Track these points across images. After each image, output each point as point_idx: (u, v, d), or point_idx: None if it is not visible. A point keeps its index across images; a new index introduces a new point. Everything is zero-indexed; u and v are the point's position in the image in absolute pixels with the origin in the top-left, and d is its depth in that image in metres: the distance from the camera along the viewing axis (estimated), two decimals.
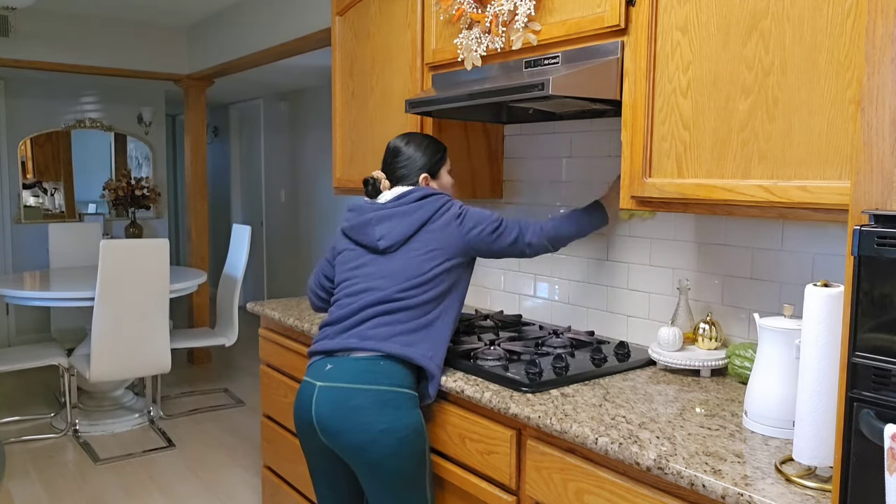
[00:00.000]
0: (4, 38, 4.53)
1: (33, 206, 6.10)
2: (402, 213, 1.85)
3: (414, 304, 1.77)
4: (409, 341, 1.74)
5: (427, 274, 1.79)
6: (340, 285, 1.91)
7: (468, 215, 1.86)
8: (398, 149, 1.99)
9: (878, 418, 0.93)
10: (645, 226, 2.11)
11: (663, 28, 1.58)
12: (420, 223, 1.83)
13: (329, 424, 1.70)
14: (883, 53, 0.94)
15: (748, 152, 1.44)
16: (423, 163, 1.96)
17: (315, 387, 1.74)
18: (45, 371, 5.11)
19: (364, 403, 1.68)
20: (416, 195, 1.87)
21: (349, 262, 1.91)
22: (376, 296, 1.79)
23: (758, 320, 1.44)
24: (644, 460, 1.29)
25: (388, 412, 1.68)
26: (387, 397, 1.69)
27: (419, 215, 1.84)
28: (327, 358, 1.79)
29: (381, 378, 1.70)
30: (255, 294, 7.42)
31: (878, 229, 0.92)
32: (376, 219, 1.86)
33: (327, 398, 1.71)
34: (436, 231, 1.83)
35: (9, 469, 3.49)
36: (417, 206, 1.85)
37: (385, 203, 1.89)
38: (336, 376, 1.73)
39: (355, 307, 1.81)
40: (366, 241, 1.87)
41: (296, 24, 3.85)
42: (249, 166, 7.56)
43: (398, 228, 1.83)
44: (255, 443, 3.90)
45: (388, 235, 1.84)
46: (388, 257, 1.84)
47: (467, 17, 2.03)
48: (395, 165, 1.98)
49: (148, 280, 3.73)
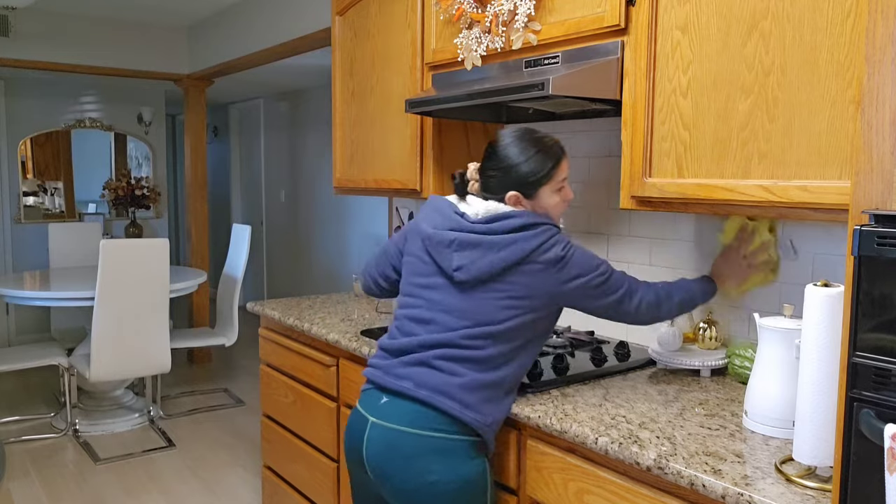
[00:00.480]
0: (4, 38, 4.52)
1: (33, 206, 6.09)
2: (489, 245, 1.51)
3: (481, 357, 1.51)
4: (468, 402, 1.50)
5: (501, 325, 1.51)
6: (404, 300, 1.67)
7: (572, 260, 1.51)
8: (495, 147, 1.61)
9: (878, 418, 0.93)
10: (645, 226, 2.11)
11: (663, 28, 1.59)
12: (510, 264, 1.50)
13: (379, 466, 1.54)
14: (883, 54, 0.94)
15: (748, 152, 1.44)
16: (518, 177, 1.57)
17: (367, 422, 1.56)
18: (45, 371, 5.11)
19: (418, 450, 1.50)
20: (514, 223, 1.52)
21: (417, 276, 1.64)
22: (440, 336, 1.54)
23: (758, 320, 1.44)
24: (644, 460, 1.29)
25: (444, 461, 1.49)
26: (443, 445, 1.50)
27: (511, 253, 1.50)
28: (382, 391, 1.59)
29: (438, 423, 1.50)
30: (255, 294, 7.42)
31: (878, 229, 0.92)
32: (459, 243, 1.54)
33: (380, 438, 1.53)
34: (527, 275, 1.50)
35: (9, 469, 3.48)
36: (512, 240, 1.51)
37: (474, 222, 1.56)
38: (390, 414, 1.54)
39: (415, 343, 1.57)
40: (441, 262, 1.58)
41: (296, 24, 3.85)
42: (249, 166, 7.56)
43: (481, 263, 1.51)
44: (255, 443, 3.90)
45: (467, 268, 1.53)
46: (462, 290, 1.55)
47: (467, 16, 2.03)
48: (486, 168, 1.62)
49: (148, 280, 3.73)
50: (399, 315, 1.65)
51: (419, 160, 2.38)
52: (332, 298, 2.87)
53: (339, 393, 2.25)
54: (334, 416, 2.27)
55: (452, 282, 1.56)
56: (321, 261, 6.24)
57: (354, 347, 2.10)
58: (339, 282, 5.91)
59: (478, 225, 1.55)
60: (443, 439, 1.50)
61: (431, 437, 1.50)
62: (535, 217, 1.54)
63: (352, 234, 5.75)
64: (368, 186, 2.64)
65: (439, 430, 1.50)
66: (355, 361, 2.17)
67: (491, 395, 1.52)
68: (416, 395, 1.51)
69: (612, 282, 1.55)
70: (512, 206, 1.57)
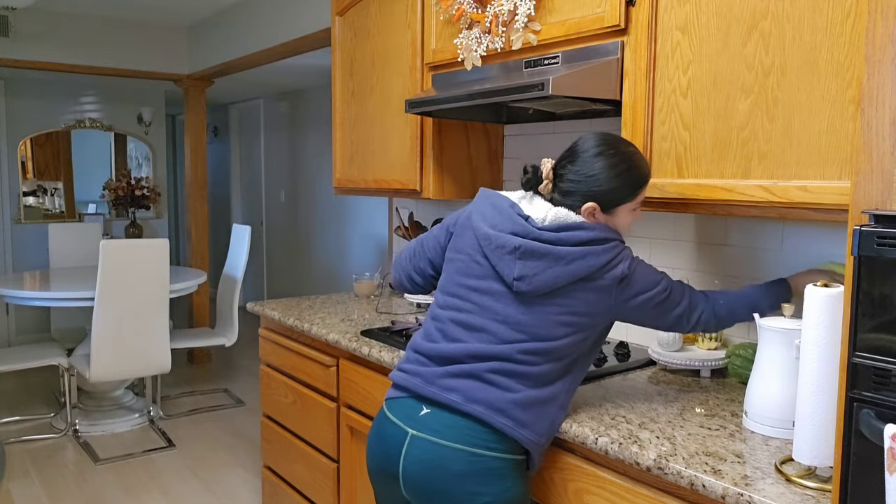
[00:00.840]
0: (4, 38, 4.52)
1: (33, 206, 6.09)
2: (557, 257, 1.41)
3: (536, 373, 1.42)
4: (522, 420, 1.40)
5: (559, 342, 1.42)
6: (449, 301, 1.53)
7: (634, 278, 1.44)
8: (579, 152, 1.48)
9: (878, 418, 0.93)
10: (645, 226, 2.11)
11: (663, 28, 1.59)
12: (577, 279, 1.41)
13: (420, 484, 1.41)
14: (883, 54, 0.94)
15: (748, 152, 1.44)
16: (601, 191, 1.45)
17: (406, 435, 1.43)
18: (45, 371, 5.11)
19: (469, 470, 1.38)
20: (585, 235, 1.42)
21: (468, 277, 1.51)
22: (494, 348, 1.43)
23: (758, 320, 1.44)
24: (644, 460, 1.29)
25: (498, 482, 1.39)
26: (494, 465, 1.40)
27: (579, 267, 1.40)
28: (420, 400, 1.47)
29: (490, 441, 1.40)
30: (255, 294, 7.42)
31: (878, 229, 0.92)
32: (523, 251, 1.42)
33: (422, 454, 1.41)
34: (591, 292, 1.42)
35: (9, 469, 3.48)
36: (581, 254, 1.41)
37: (541, 229, 1.44)
38: (434, 427, 1.41)
39: (463, 351, 1.45)
40: (500, 268, 1.45)
41: (296, 24, 3.85)
42: (249, 166, 7.56)
43: (546, 276, 1.41)
44: (255, 443, 3.90)
45: (529, 279, 1.42)
46: (520, 301, 1.44)
47: (467, 17, 2.03)
48: (566, 172, 1.48)
49: (148, 280, 3.73)
50: (442, 317, 1.51)
51: (419, 160, 2.38)
52: (332, 298, 2.87)
53: (339, 393, 2.25)
54: (334, 416, 2.27)
55: (511, 291, 1.44)
56: (321, 261, 6.24)
57: (354, 347, 2.10)
58: (339, 282, 5.91)
59: (545, 233, 1.43)
60: (496, 458, 1.39)
61: (484, 456, 1.39)
62: (607, 231, 1.44)
63: (352, 234, 5.75)
64: (368, 186, 2.64)
65: (492, 448, 1.39)
66: (355, 361, 2.17)
67: (544, 412, 1.43)
68: (466, 410, 1.40)
69: (672, 297, 1.48)
70: (585, 217, 1.46)
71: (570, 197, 1.47)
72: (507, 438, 1.40)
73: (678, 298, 1.49)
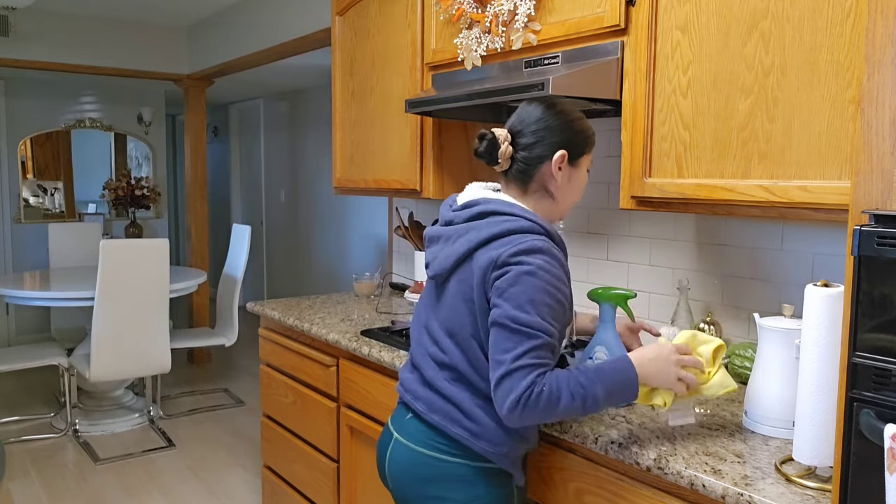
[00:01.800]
0: (4, 38, 4.52)
1: (33, 206, 6.09)
2: (447, 236, 1.40)
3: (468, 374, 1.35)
4: (475, 430, 1.34)
5: (462, 336, 1.35)
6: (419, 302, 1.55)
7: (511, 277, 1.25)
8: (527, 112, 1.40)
9: (878, 418, 0.93)
10: (645, 226, 2.11)
11: (663, 28, 1.59)
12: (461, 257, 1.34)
13: (398, 485, 1.46)
14: (883, 54, 0.94)
15: (748, 152, 1.44)
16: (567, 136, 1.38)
17: (392, 438, 1.48)
18: (45, 371, 5.11)
19: (435, 474, 1.39)
20: (473, 211, 1.37)
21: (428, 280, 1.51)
22: (434, 349, 1.41)
23: (758, 320, 1.44)
24: (644, 460, 1.29)
25: (463, 488, 1.37)
26: (460, 472, 1.38)
27: (462, 244, 1.35)
28: (407, 407, 1.49)
29: (453, 448, 1.38)
30: (255, 294, 7.42)
31: (878, 229, 0.92)
32: (429, 236, 1.46)
33: (399, 457, 1.45)
34: (472, 273, 1.32)
35: (9, 469, 3.48)
36: (465, 230, 1.36)
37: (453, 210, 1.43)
38: (411, 432, 1.44)
39: (420, 354, 1.45)
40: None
41: (295, 24, 3.85)
42: (249, 166, 7.56)
43: (440, 257, 1.39)
44: (255, 443, 3.90)
45: (431, 264, 1.42)
46: (439, 292, 1.41)
47: (467, 17, 2.03)
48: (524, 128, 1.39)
49: (148, 280, 3.73)
50: (413, 322, 1.55)
51: (419, 160, 2.38)
52: (332, 298, 2.87)
53: (339, 393, 2.25)
54: (334, 416, 2.27)
55: (434, 283, 1.44)
56: (321, 261, 6.24)
57: (354, 347, 2.10)
58: (339, 282, 5.91)
59: (449, 213, 1.41)
60: (460, 465, 1.38)
61: (448, 462, 1.38)
62: (507, 206, 1.33)
63: (352, 234, 5.75)
64: (368, 186, 2.64)
65: (455, 454, 1.38)
66: (355, 361, 2.17)
67: (498, 420, 1.34)
68: (428, 420, 1.40)
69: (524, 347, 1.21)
70: (555, 169, 1.37)
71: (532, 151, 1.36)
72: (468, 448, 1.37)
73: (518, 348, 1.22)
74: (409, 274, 3.11)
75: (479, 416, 1.35)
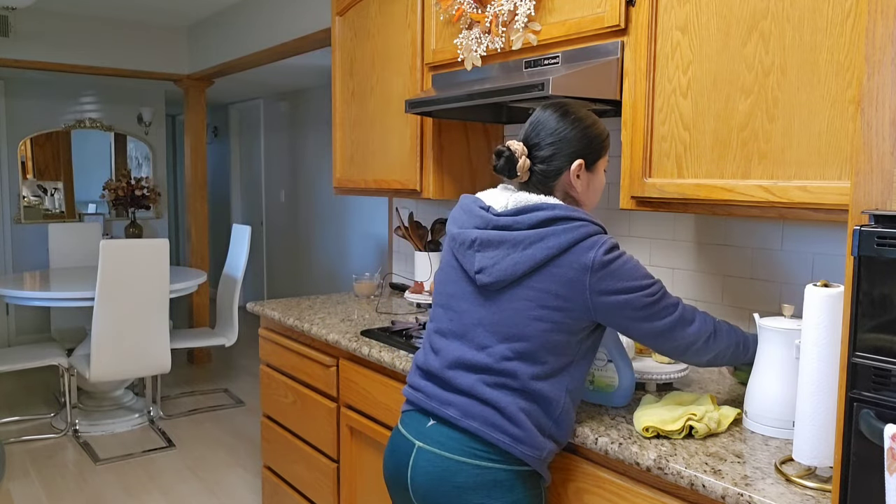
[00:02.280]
0: (4, 38, 4.52)
1: (33, 206, 6.09)
2: (514, 242, 1.35)
3: (519, 379, 1.35)
4: (517, 435, 1.34)
5: (532, 342, 1.34)
6: (434, 310, 1.52)
7: (612, 269, 1.31)
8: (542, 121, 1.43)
9: (878, 418, 0.93)
10: (645, 226, 2.11)
11: (663, 28, 1.59)
12: (538, 263, 1.32)
13: (427, 496, 1.40)
14: (883, 54, 0.94)
15: (748, 152, 1.44)
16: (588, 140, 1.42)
17: (413, 447, 1.42)
18: (45, 371, 5.11)
19: (472, 482, 1.35)
20: (542, 215, 1.34)
21: (446, 284, 1.49)
22: (472, 355, 1.38)
23: (758, 320, 1.44)
24: (644, 460, 1.29)
25: (501, 495, 1.35)
26: (500, 477, 1.35)
27: (538, 250, 1.32)
28: (426, 414, 1.45)
29: (492, 454, 1.36)
30: (255, 294, 7.42)
31: (878, 229, 0.92)
32: (480, 241, 1.39)
33: (427, 466, 1.39)
34: (558, 280, 1.32)
35: (9, 469, 3.49)
36: (539, 236, 1.33)
37: (499, 215, 1.39)
38: (438, 439, 1.39)
39: (448, 360, 1.42)
40: (465, 266, 1.43)
41: (295, 24, 3.85)
42: (249, 166, 7.56)
43: (504, 264, 1.35)
44: (255, 443, 3.90)
45: (489, 270, 1.37)
46: (488, 298, 1.39)
47: (467, 17, 2.03)
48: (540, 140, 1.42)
49: (148, 280, 3.73)
50: (429, 329, 1.51)
51: (419, 160, 2.38)
52: (332, 298, 2.87)
53: (339, 393, 2.25)
54: (334, 416, 2.27)
55: (478, 288, 1.40)
56: (321, 261, 6.24)
57: (354, 347, 2.10)
58: (339, 282, 5.91)
59: (502, 219, 1.37)
60: (501, 471, 1.35)
61: (487, 469, 1.35)
62: (570, 211, 1.34)
63: (352, 234, 5.75)
64: (368, 186, 2.64)
65: (495, 460, 1.35)
66: (355, 361, 2.17)
67: (541, 424, 1.36)
68: (463, 426, 1.37)
69: (662, 305, 1.34)
70: (574, 178, 1.41)
71: (551, 164, 1.40)
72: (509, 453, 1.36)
73: (671, 305, 1.35)
74: (409, 274, 3.11)
75: (522, 421, 1.34)
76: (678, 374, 1.65)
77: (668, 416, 1.38)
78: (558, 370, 1.36)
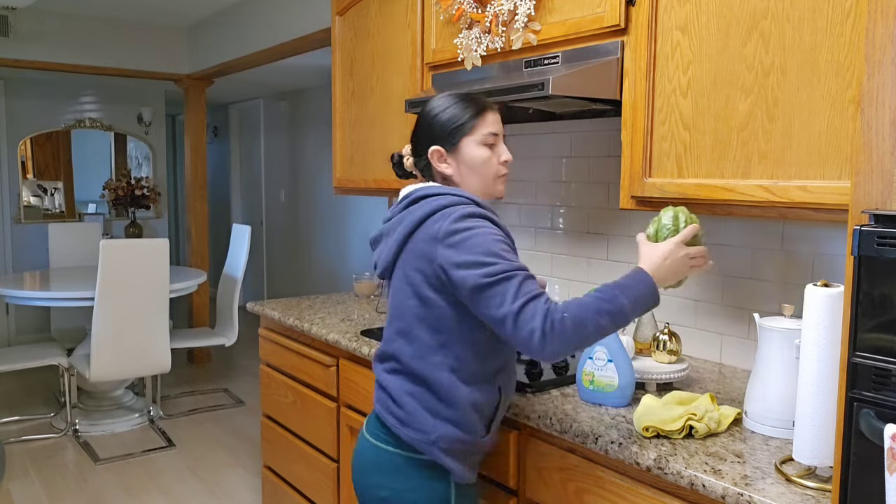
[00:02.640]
0: (4, 38, 4.52)
1: (33, 206, 6.10)
2: (388, 231, 1.44)
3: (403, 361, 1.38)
4: (402, 417, 1.37)
5: (405, 320, 1.37)
6: None
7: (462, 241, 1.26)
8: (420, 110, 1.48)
9: (878, 418, 0.93)
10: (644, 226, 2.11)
11: (663, 28, 1.59)
12: (401, 242, 1.37)
13: (353, 478, 1.50)
14: (883, 54, 0.94)
15: (748, 152, 1.44)
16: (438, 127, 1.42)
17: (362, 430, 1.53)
18: (45, 371, 5.11)
19: (374, 462, 1.42)
20: (413, 195, 1.41)
21: None
22: (382, 345, 1.47)
23: (758, 320, 1.44)
24: (644, 460, 1.29)
25: (394, 478, 1.38)
26: (394, 461, 1.39)
27: (402, 230, 1.38)
28: None
29: (387, 435, 1.41)
30: (255, 294, 7.42)
31: (878, 229, 0.92)
32: (373, 238, 1.52)
33: (357, 448, 1.51)
34: (414, 253, 1.35)
35: (9, 469, 3.48)
36: (401, 219, 1.39)
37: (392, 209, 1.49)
38: (367, 424, 1.50)
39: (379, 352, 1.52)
40: None
41: (295, 24, 3.85)
42: (249, 166, 7.56)
43: (385, 253, 1.43)
44: (255, 443, 3.90)
45: (377, 262, 1.47)
46: (390, 287, 1.46)
47: (467, 17, 2.03)
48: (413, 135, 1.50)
49: (148, 280, 3.73)
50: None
51: None
52: (332, 298, 2.87)
53: (339, 393, 2.25)
54: (334, 416, 2.27)
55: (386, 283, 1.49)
56: (321, 261, 6.24)
57: (354, 347, 2.10)
58: (339, 282, 5.91)
59: (389, 212, 1.47)
60: (395, 454, 1.39)
61: (385, 451, 1.41)
62: (435, 189, 1.38)
63: (352, 234, 5.75)
64: (368, 186, 2.64)
65: (388, 442, 1.40)
66: (355, 361, 2.17)
67: (430, 406, 1.34)
68: (375, 410, 1.47)
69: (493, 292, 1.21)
70: (435, 163, 1.42)
71: (420, 157, 1.46)
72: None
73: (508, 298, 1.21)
74: None
75: (406, 403, 1.37)
76: (678, 374, 1.65)
77: (667, 415, 1.39)
78: (434, 348, 1.35)
